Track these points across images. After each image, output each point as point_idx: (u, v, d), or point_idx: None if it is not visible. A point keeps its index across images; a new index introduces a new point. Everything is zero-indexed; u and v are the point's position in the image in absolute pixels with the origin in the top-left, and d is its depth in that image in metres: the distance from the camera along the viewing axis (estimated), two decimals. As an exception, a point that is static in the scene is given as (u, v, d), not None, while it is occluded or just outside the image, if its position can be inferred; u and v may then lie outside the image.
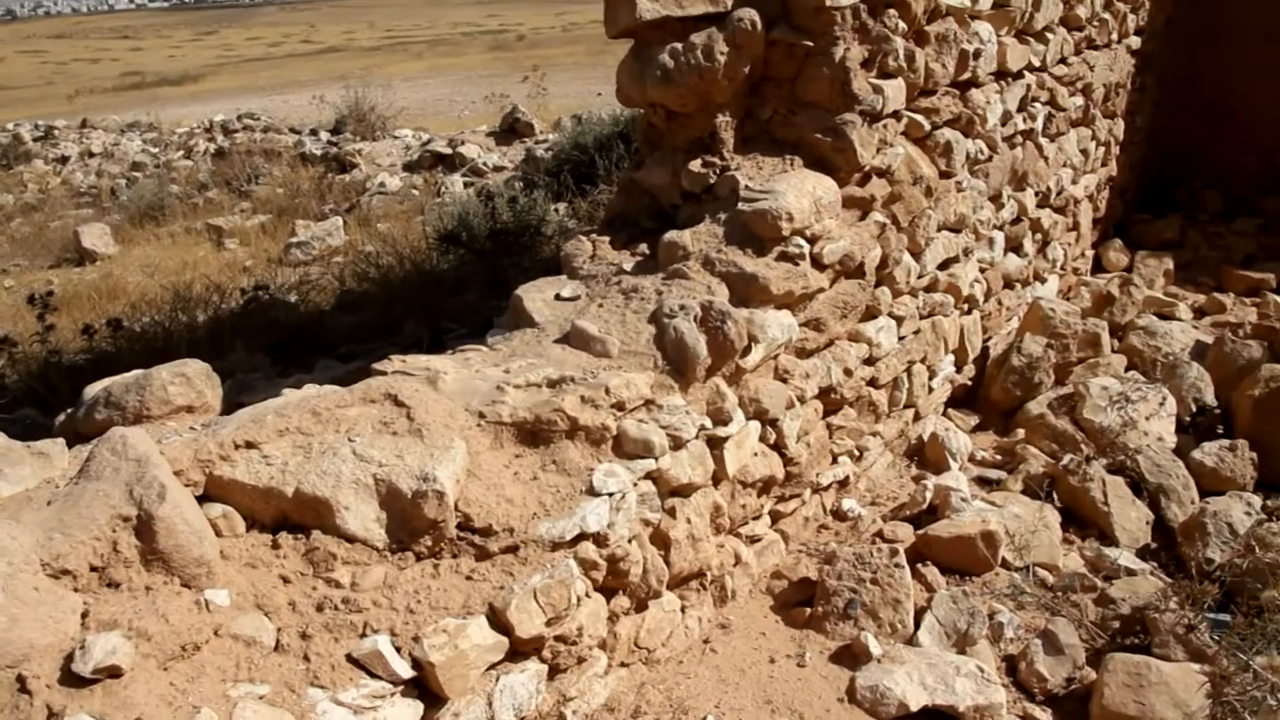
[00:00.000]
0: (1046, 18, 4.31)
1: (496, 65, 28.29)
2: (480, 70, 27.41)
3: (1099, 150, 5.52)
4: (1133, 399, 4.00)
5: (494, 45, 38.74)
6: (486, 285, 6.45)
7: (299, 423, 2.31)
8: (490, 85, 20.82)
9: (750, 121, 3.11)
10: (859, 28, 3.03)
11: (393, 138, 12.25)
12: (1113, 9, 5.31)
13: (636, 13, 2.92)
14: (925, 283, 3.64)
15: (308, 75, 34.60)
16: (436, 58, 35.31)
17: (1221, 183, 7.03)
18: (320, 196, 10.76)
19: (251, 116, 15.38)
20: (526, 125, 10.87)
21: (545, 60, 27.84)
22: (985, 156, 3.94)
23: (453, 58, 34.10)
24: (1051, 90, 4.57)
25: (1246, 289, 5.71)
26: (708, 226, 2.83)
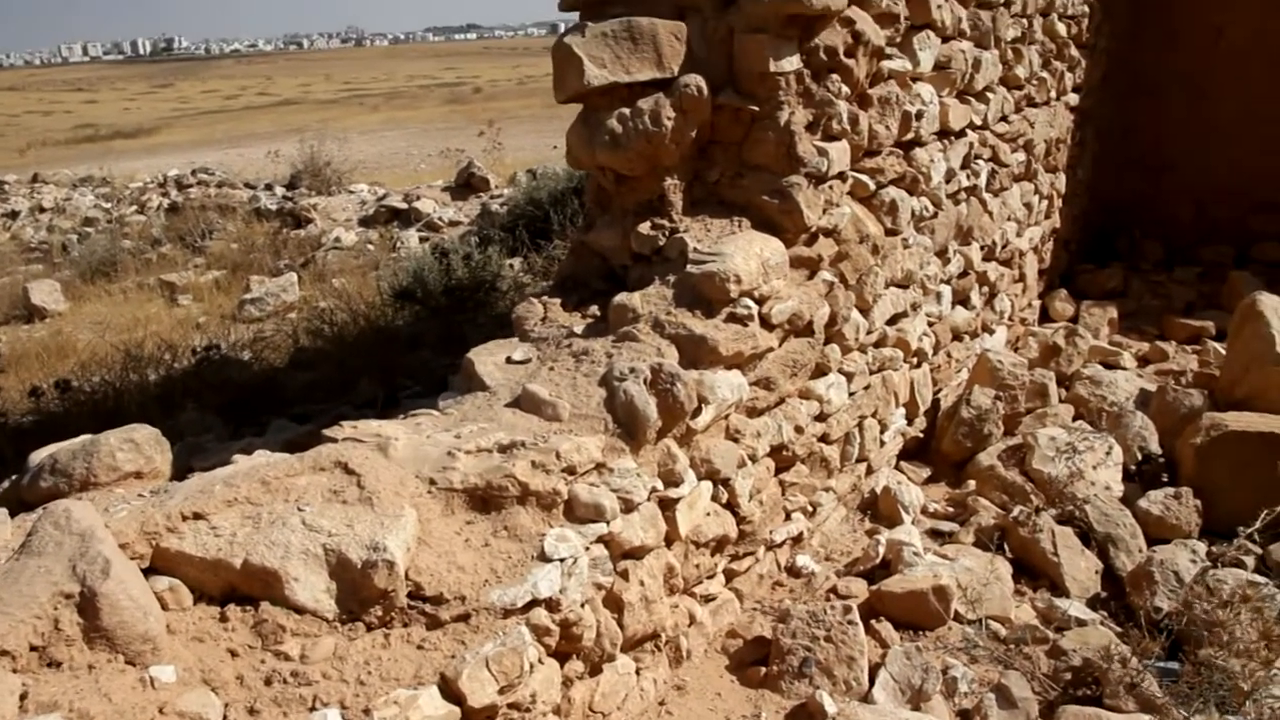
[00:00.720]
0: (986, 78, 4.43)
1: (453, 118, 28.50)
2: (437, 123, 27.58)
3: (1042, 203, 5.66)
4: (1080, 449, 4.07)
5: (451, 98, 39.02)
6: (441, 342, 6.44)
7: (248, 492, 2.29)
8: (447, 138, 20.95)
9: (698, 184, 3.16)
10: (803, 92, 3.11)
11: (348, 192, 12.26)
12: (1050, 68, 5.47)
13: (585, 79, 2.97)
14: (874, 338, 3.70)
15: (264, 128, 34.59)
16: (393, 110, 35.49)
17: (1161, 233, 7.23)
18: (275, 252, 10.72)
19: (206, 171, 15.32)
20: (482, 180, 10.94)
21: (501, 113, 28.06)
22: (931, 213, 4.03)
23: (409, 110, 34.29)
24: (994, 147, 4.69)
25: (1188, 337, 5.85)
26: (657, 289, 2.86)
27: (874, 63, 3.37)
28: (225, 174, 15.35)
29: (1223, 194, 7.14)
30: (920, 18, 3.72)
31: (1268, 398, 4.29)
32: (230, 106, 54.29)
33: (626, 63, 3.00)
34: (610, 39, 3.00)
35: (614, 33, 3.01)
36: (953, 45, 4.02)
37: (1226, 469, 3.88)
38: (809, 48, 3.09)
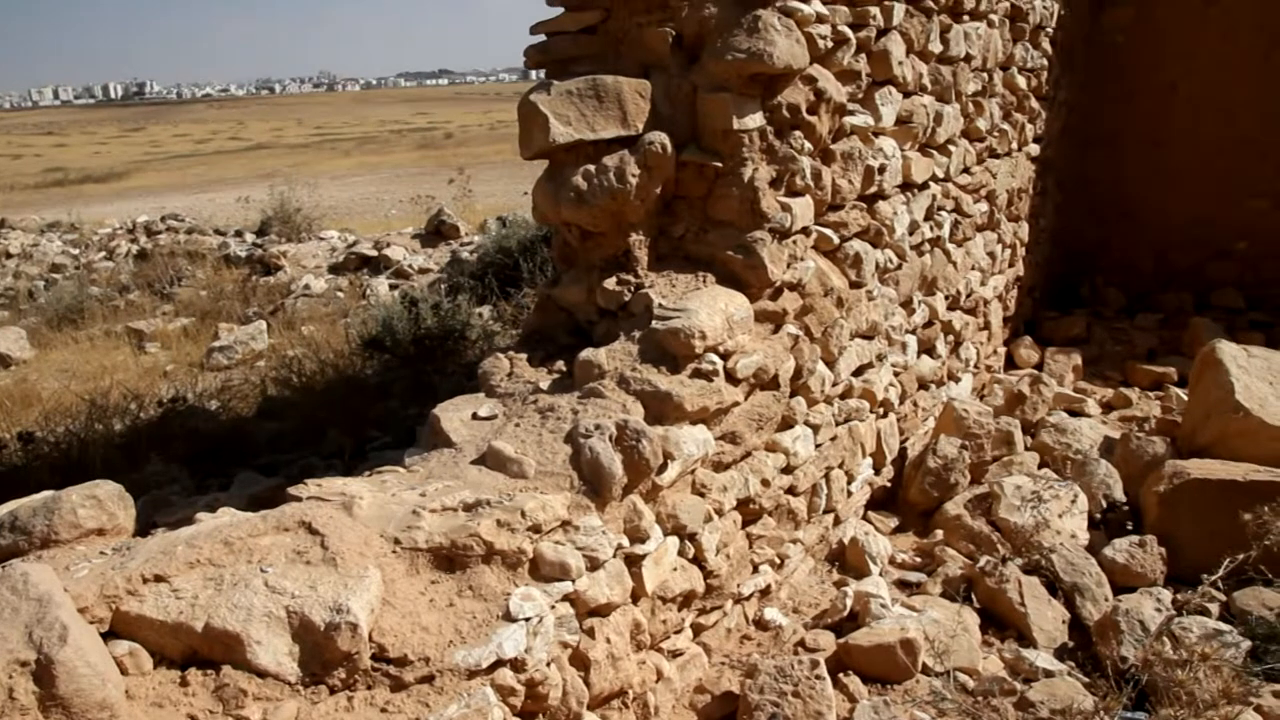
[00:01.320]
0: (948, 131, 4.52)
1: (424, 163, 28.59)
2: (408, 168, 27.67)
3: (1005, 252, 5.74)
4: (1045, 498, 4.11)
5: (422, 143, 39.19)
6: (410, 391, 6.43)
7: (210, 554, 2.27)
8: (418, 184, 21.01)
9: (664, 239, 3.19)
10: (766, 149, 3.15)
11: (318, 239, 12.25)
12: (1012, 120, 5.58)
13: (550, 136, 3.00)
14: (840, 390, 3.73)
15: (235, 173, 34.57)
16: (365, 155, 35.58)
17: (1123, 280, 7.36)
18: (244, 299, 10.68)
19: (175, 218, 15.27)
20: (452, 227, 10.97)
21: (473, 159, 28.21)
22: (895, 265, 4.08)
23: (381, 155, 34.40)
24: (956, 199, 4.77)
25: (1151, 383, 5.93)
26: (622, 344, 2.88)
27: (836, 119, 3.43)
28: (195, 220, 15.30)
29: (1181, 242, 7.29)
30: (882, 74, 3.79)
31: (1228, 445, 4.35)
32: (202, 150, 54.25)
33: (592, 120, 3.03)
34: (576, 97, 3.04)
35: (579, 90, 3.05)
36: (914, 100, 4.10)
37: (1190, 516, 3.92)
38: (772, 105, 3.14)
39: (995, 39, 5.06)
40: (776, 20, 3.05)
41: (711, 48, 3.06)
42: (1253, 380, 4.55)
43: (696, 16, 3.10)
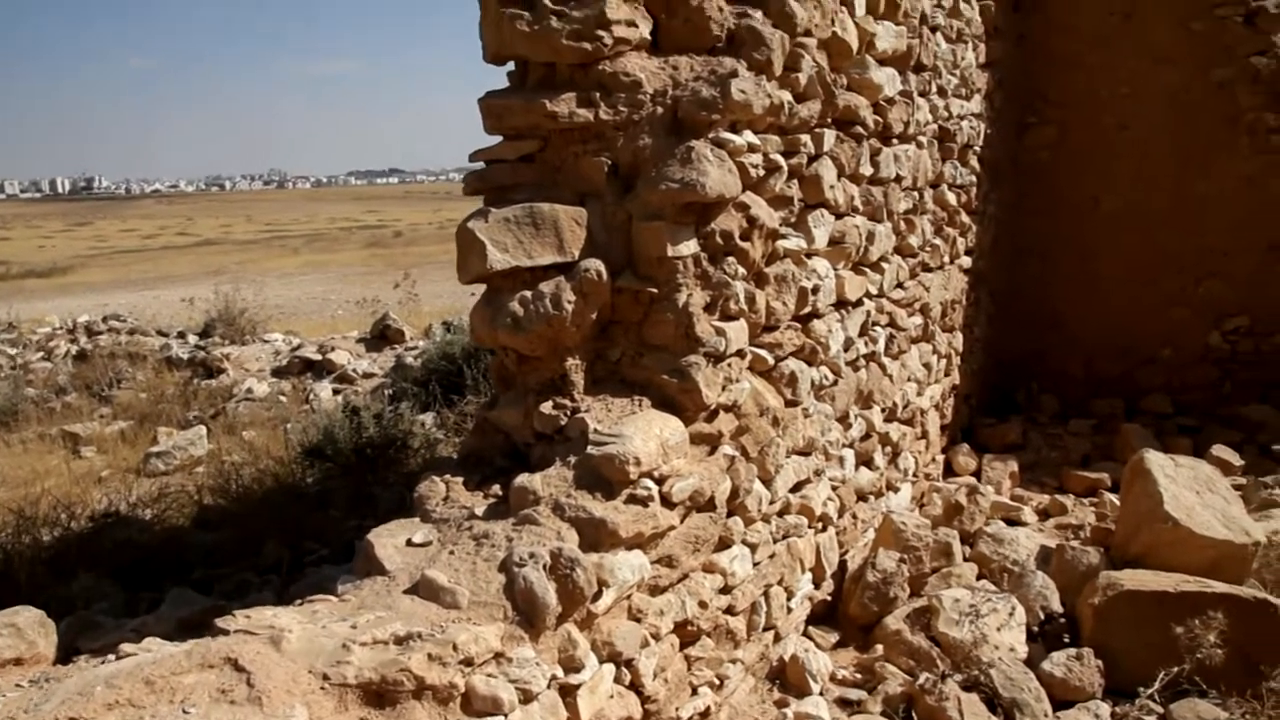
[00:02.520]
0: (881, 249, 4.66)
1: (373, 262, 28.69)
2: (356, 267, 27.73)
3: (941, 363, 5.87)
4: (983, 612, 4.13)
5: (371, 241, 39.36)
6: (351, 501, 6.35)
7: (131, 694, 2.21)
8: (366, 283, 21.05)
9: (600, 363, 3.24)
10: (701, 275, 3.23)
11: (262, 341, 12.17)
12: (943, 234, 5.77)
13: (488, 263, 3.06)
14: (778, 508, 3.76)
15: (182, 269, 34.37)
16: (313, 253, 35.62)
17: (1056, 386, 7.55)
18: (185, 402, 10.52)
19: (117, 318, 15.09)
20: (397, 332, 10.98)
21: (422, 258, 28.37)
22: (831, 382, 4.16)
23: (329, 254, 34.45)
24: (891, 314, 4.89)
25: (1085, 489, 6.05)
26: (558, 470, 2.89)
27: (769, 243, 3.53)
28: (137, 320, 15.13)
29: (1110, 350, 7.52)
30: (814, 198, 3.92)
31: (1159, 555, 4.42)
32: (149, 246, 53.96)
33: (529, 247, 3.09)
34: (513, 224, 3.11)
35: (516, 218, 3.12)
36: (847, 221, 4.23)
37: (1125, 628, 3.97)
38: (705, 232, 3.23)
39: (925, 159, 5.26)
40: (709, 151, 3.15)
41: (646, 177, 3.16)
42: (1180, 490, 4.65)
43: (632, 147, 3.20)
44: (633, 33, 3.24)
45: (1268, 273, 7.26)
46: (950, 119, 5.66)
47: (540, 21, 3.14)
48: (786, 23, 3.54)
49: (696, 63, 3.31)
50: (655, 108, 3.21)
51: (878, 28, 4.39)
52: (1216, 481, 4.80)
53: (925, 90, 5.18)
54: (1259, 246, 7.24)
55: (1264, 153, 7.10)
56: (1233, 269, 7.31)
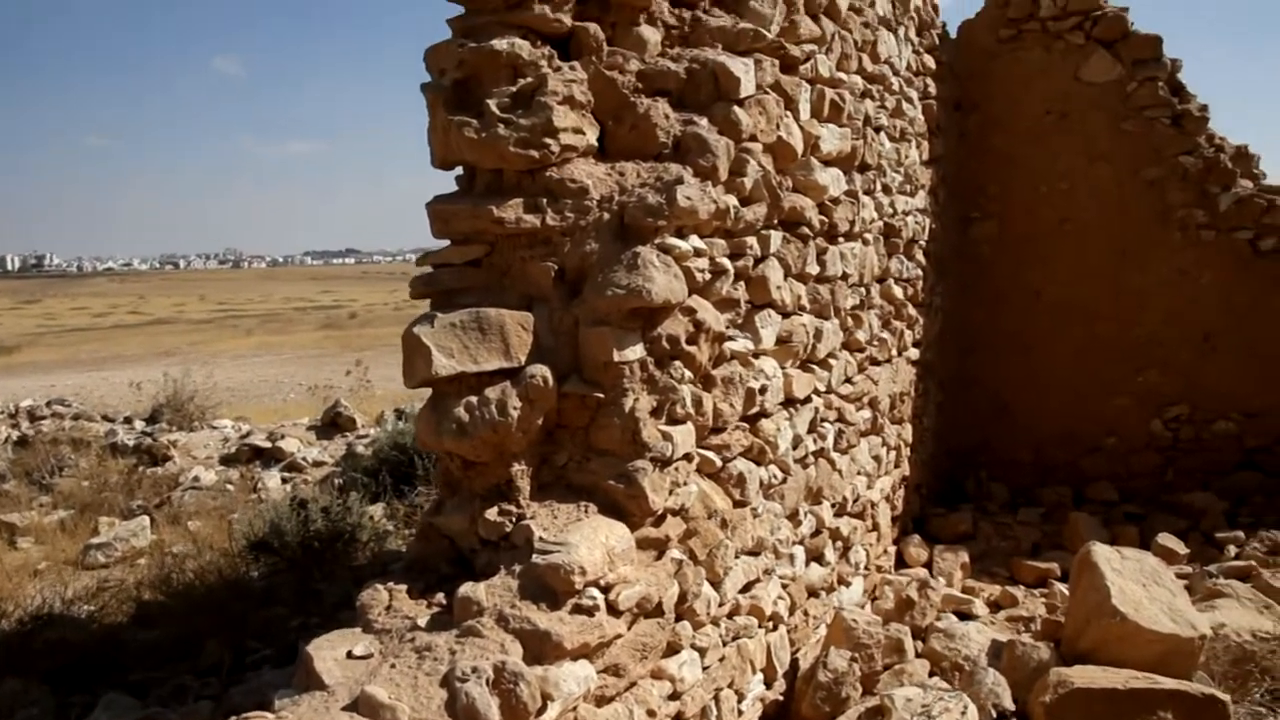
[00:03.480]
0: (829, 346, 4.71)
1: (327, 344, 28.49)
2: (310, 349, 27.51)
3: (891, 455, 5.91)
4: (935, 711, 4.10)
5: (326, 322, 39.14)
6: (296, 598, 6.21)
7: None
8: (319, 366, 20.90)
9: (547, 468, 3.22)
10: (647, 379, 3.24)
11: (211, 428, 11.99)
12: (891, 328, 5.86)
13: (433, 368, 3.05)
14: (727, 610, 3.73)
15: (132, 349, 33.88)
16: (267, 334, 35.32)
17: (1005, 475, 7.64)
18: (129, 491, 10.29)
19: (62, 403, 14.80)
20: (349, 419, 10.88)
21: (376, 340, 28.24)
22: (780, 480, 4.17)
23: (283, 335, 34.18)
24: (839, 409, 4.93)
25: (1035, 579, 6.08)
26: (502, 579, 2.85)
27: (716, 346, 3.56)
28: (83, 405, 14.85)
29: (1056, 438, 7.64)
30: (761, 298, 3.97)
31: (1109, 650, 4.43)
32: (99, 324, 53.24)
33: (474, 352, 3.09)
34: (459, 329, 3.11)
35: (463, 323, 3.12)
36: (794, 320, 4.28)
37: (1076, 727, 3.96)
38: (652, 337, 3.25)
39: (871, 255, 5.36)
40: (655, 257, 3.19)
41: (593, 282, 3.18)
42: (1127, 583, 4.69)
43: (579, 252, 3.23)
44: (580, 140, 3.29)
45: (1204, 362, 7.45)
46: (895, 215, 5.80)
47: (488, 129, 3.18)
48: (732, 129, 3.62)
49: (643, 169, 3.37)
50: (602, 213, 3.25)
51: (822, 130, 4.51)
52: (1162, 574, 4.85)
53: (870, 189, 5.31)
54: (1194, 337, 7.45)
55: (1195, 246, 7.36)
56: (1170, 358, 7.50)
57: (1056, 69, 7.47)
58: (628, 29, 3.59)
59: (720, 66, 3.60)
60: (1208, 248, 7.35)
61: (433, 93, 3.30)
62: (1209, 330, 7.41)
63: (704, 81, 3.61)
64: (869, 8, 5.26)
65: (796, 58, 4.19)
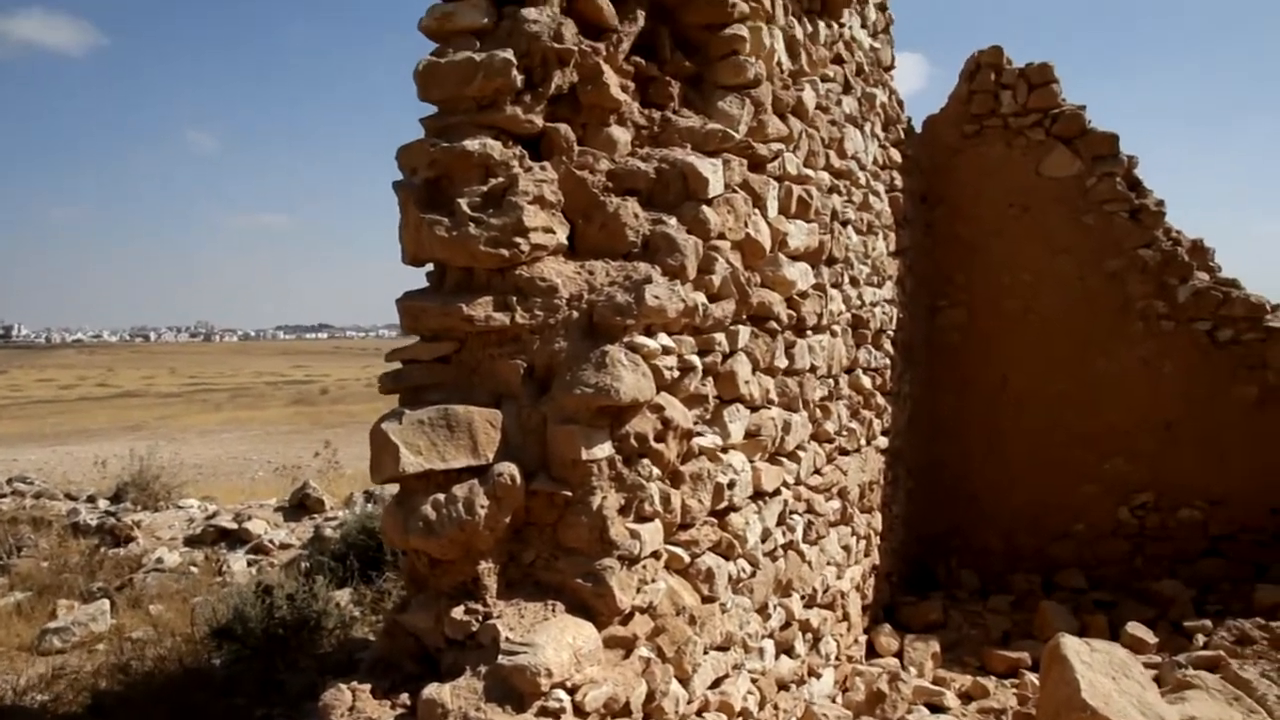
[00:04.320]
0: (797, 438, 4.75)
1: (297, 420, 28.26)
2: (280, 425, 27.27)
3: (860, 544, 5.92)
4: (905, 811, 4.06)
5: (297, 398, 38.85)
6: (259, 686, 6.08)
7: None
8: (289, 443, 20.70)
9: (514, 565, 3.20)
10: (615, 477, 3.25)
11: (177, 507, 11.81)
12: (859, 417, 5.91)
13: (400, 465, 3.05)
14: (696, 707, 3.69)
15: (98, 423, 33.44)
16: (236, 409, 34.99)
17: (975, 562, 7.65)
18: (90, 573, 10.07)
19: (24, 480, 14.55)
20: (317, 501, 10.76)
21: (347, 416, 28.05)
22: (749, 574, 4.16)
23: (253, 410, 33.87)
24: (809, 500, 4.95)
25: (1007, 669, 6.05)
26: (468, 680, 2.82)
27: (684, 443, 3.58)
28: (45, 483, 14.60)
29: (1025, 525, 7.68)
30: (729, 393, 4.00)
31: (1079, 747, 4.41)
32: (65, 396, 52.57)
33: (442, 450, 3.10)
34: (427, 426, 3.11)
35: (431, 420, 3.13)
36: (762, 414, 4.32)
37: (1047, 828, 3.92)
38: (620, 435, 3.27)
39: (839, 347, 5.43)
40: (624, 356, 3.22)
41: (561, 381, 3.21)
42: (1096, 676, 4.68)
43: (548, 350, 3.26)
44: (550, 239, 3.35)
45: (1167, 450, 7.55)
46: (863, 306, 5.89)
47: (459, 228, 3.23)
48: (700, 228, 3.69)
49: (612, 268, 3.42)
50: (571, 312, 3.29)
51: (790, 226, 4.60)
52: (1131, 666, 4.85)
53: (838, 281, 5.40)
54: (1157, 425, 7.55)
55: (1156, 336, 7.50)
56: (1135, 446, 7.59)
57: (1018, 163, 7.69)
58: (598, 129, 3.68)
59: (689, 167, 3.69)
60: (1168, 338, 7.50)
61: (405, 191, 3.36)
62: (1171, 419, 7.52)
63: (673, 181, 3.69)
64: (836, 106, 5.41)
65: (764, 156, 4.29)
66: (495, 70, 3.30)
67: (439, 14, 3.48)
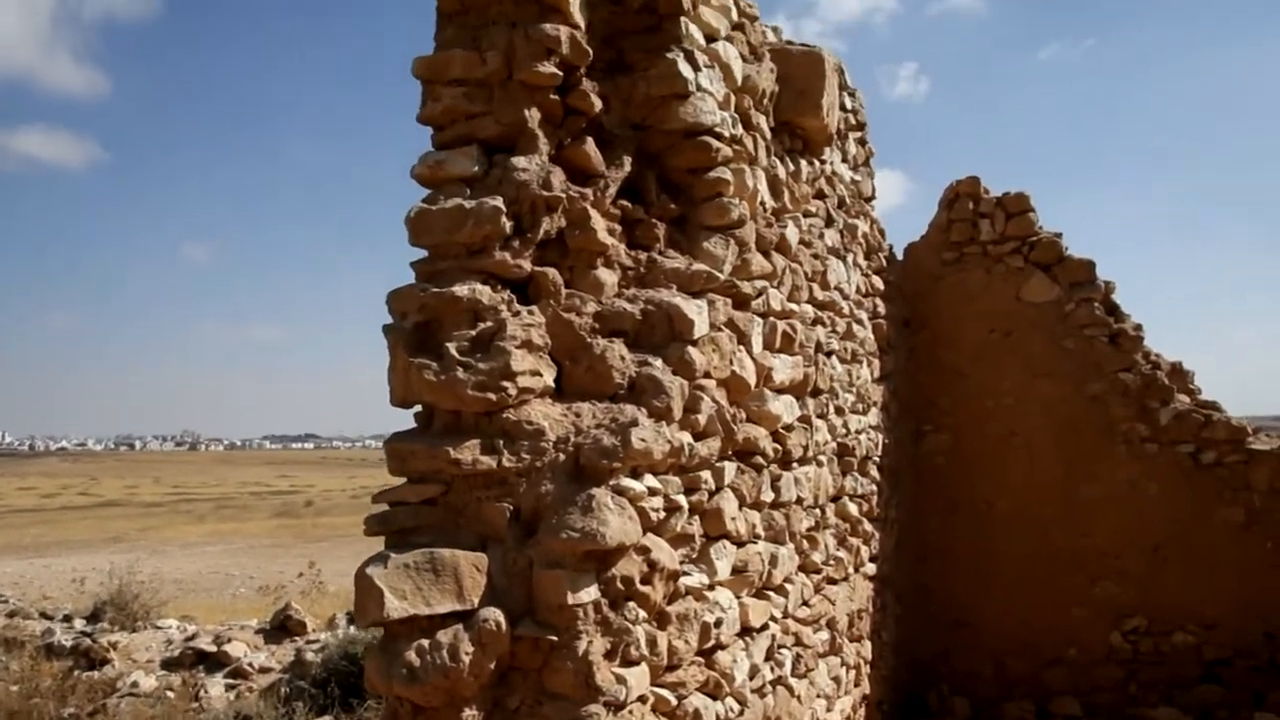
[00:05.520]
0: (784, 572, 4.73)
1: (281, 533, 27.90)
2: (263, 538, 26.92)
3: (850, 674, 5.84)
4: None
5: (281, 510, 38.42)
6: (232, 827, 5.89)
7: None
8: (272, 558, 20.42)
9: (498, 711, 3.15)
10: (601, 621, 3.23)
11: (155, 628, 11.58)
12: (847, 545, 5.89)
13: (385, 611, 3.02)
14: None
15: (79, 534, 32.94)
16: (219, 521, 34.55)
17: (966, 688, 7.54)
18: (61, 698, 9.79)
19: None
20: (298, 623, 10.57)
21: (331, 530, 27.73)
22: (737, 712, 4.09)
23: (236, 522, 33.45)
24: (797, 633, 4.90)
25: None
26: (448, 840, 2.76)
27: (670, 584, 3.57)
28: (20, 600, 14.31)
29: (1017, 650, 7.59)
30: (716, 530, 4.01)
31: None
32: (46, 506, 51.90)
33: (427, 594, 3.08)
34: (413, 570, 3.10)
35: (416, 564, 3.12)
36: (749, 549, 4.31)
37: None
38: (606, 578, 3.26)
39: (825, 476, 5.45)
40: (610, 499, 3.24)
41: (547, 524, 3.21)
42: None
43: (534, 493, 3.27)
44: (537, 381, 3.39)
45: (1157, 573, 7.52)
46: (849, 434, 5.93)
47: (447, 372, 3.27)
48: (686, 369, 3.75)
49: (599, 410, 3.46)
50: (558, 454, 3.32)
51: (775, 361, 4.67)
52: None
53: (823, 412, 5.45)
54: (1145, 547, 7.55)
55: (1140, 459, 7.55)
56: (1124, 569, 7.57)
57: (998, 289, 7.84)
58: (585, 271, 3.76)
59: (675, 309, 3.76)
60: (1152, 460, 7.54)
61: (394, 334, 3.41)
62: (1159, 541, 7.52)
63: (659, 323, 3.76)
64: (818, 239, 5.55)
65: (749, 294, 4.39)
66: (485, 218, 3.39)
67: (431, 162, 3.59)
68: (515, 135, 3.63)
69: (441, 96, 3.64)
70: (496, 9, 3.69)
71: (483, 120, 3.61)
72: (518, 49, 3.61)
